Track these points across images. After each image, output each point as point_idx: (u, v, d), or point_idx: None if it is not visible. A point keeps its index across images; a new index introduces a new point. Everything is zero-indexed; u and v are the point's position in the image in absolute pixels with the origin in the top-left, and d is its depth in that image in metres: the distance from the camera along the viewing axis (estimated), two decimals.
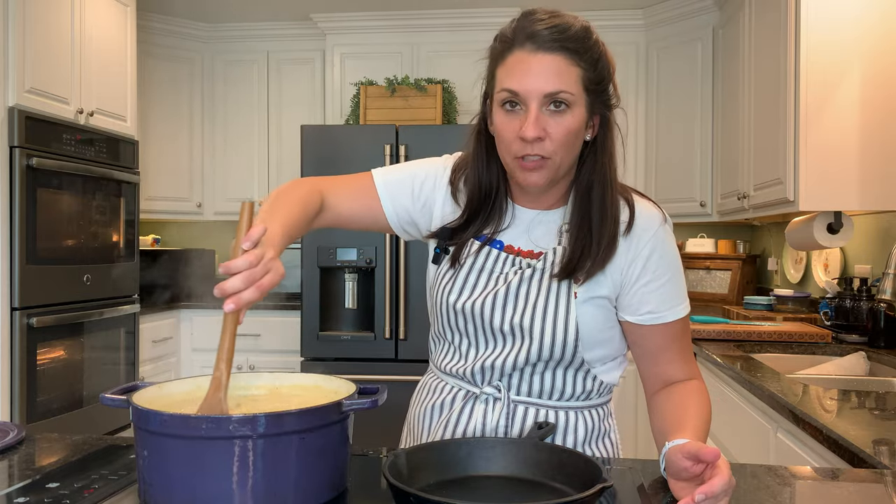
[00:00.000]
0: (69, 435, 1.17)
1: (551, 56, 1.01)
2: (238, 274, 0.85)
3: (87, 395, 3.12)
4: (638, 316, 1.11)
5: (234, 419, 0.79)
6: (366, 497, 0.92)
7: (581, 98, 1.03)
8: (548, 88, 1.01)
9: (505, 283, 1.12)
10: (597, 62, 1.04)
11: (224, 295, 0.85)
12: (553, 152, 1.04)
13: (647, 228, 1.10)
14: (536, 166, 1.05)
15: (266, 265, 0.87)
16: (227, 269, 0.85)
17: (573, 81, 1.02)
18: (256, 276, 0.86)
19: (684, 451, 0.88)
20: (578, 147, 1.08)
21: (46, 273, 2.89)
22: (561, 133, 1.03)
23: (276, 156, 4.27)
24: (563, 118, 1.03)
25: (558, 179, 1.10)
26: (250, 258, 0.86)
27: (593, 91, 1.05)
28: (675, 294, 1.11)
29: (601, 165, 1.09)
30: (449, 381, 1.19)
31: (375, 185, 1.20)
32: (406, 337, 3.40)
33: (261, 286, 0.86)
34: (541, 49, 1.02)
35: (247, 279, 0.85)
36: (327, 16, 4.04)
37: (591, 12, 3.83)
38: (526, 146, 1.03)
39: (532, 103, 1.02)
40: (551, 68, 1.01)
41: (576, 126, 1.04)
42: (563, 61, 1.02)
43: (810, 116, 2.44)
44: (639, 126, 3.97)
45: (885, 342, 2.32)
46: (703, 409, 1.07)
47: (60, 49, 3.00)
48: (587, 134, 1.08)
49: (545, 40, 1.01)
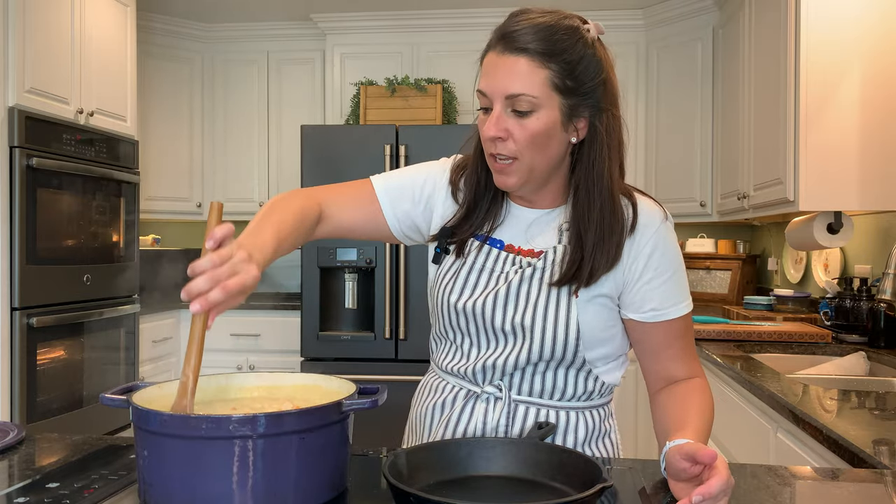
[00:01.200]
0: (69, 435, 1.17)
1: (515, 58, 1.02)
2: (202, 274, 0.82)
3: (87, 395, 3.12)
4: (641, 313, 1.11)
5: (234, 419, 0.79)
6: (366, 497, 0.92)
7: (551, 101, 1.02)
8: (510, 90, 1.02)
9: (506, 283, 1.12)
10: (576, 64, 1.03)
11: (190, 297, 0.82)
12: (518, 153, 1.04)
13: (649, 226, 1.10)
14: (506, 168, 1.06)
15: (233, 266, 0.84)
16: (191, 269, 0.83)
17: (538, 84, 1.01)
18: (220, 276, 0.83)
19: (682, 452, 0.88)
20: (554, 149, 1.06)
21: (46, 273, 2.89)
22: (525, 135, 1.03)
23: (276, 156, 4.28)
24: (527, 120, 1.03)
25: (540, 181, 1.10)
26: (213, 258, 0.83)
27: (571, 94, 1.03)
28: (678, 291, 1.12)
29: (593, 168, 1.08)
30: (450, 380, 1.19)
31: (375, 192, 1.19)
32: (406, 337, 3.40)
33: (226, 287, 0.82)
34: (507, 50, 1.02)
35: (210, 279, 0.82)
36: (327, 16, 4.04)
37: (591, 12, 3.82)
38: (492, 145, 1.05)
39: (497, 103, 1.03)
40: (514, 70, 1.02)
41: (542, 129, 1.03)
42: (528, 63, 1.01)
43: (810, 116, 2.44)
44: (639, 126, 3.97)
45: (885, 342, 2.32)
46: (705, 407, 1.07)
47: (60, 49, 3.00)
48: (572, 136, 1.07)
49: (512, 41, 1.02)
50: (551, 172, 1.10)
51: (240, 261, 0.85)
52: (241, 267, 0.85)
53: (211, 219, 0.88)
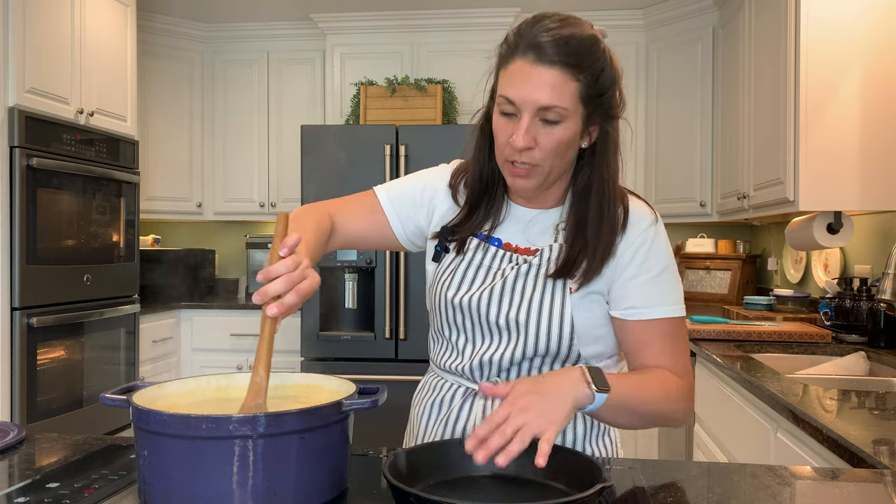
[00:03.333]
0: (69, 435, 1.17)
1: (550, 70, 1.01)
2: (278, 278, 0.87)
3: (87, 395, 3.12)
4: (620, 310, 1.11)
5: (234, 419, 0.79)
6: (366, 497, 0.92)
7: (577, 111, 1.04)
8: (543, 102, 1.02)
9: (501, 279, 1.13)
10: (599, 74, 1.04)
11: (265, 299, 0.87)
12: (541, 160, 1.06)
13: (638, 225, 1.12)
14: (525, 173, 1.07)
15: (303, 271, 0.89)
16: (266, 274, 0.87)
17: (569, 96, 1.02)
18: (295, 279, 0.88)
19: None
20: (570, 155, 1.09)
21: (46, 273, 2.89)
22: (551, 144, 1.04)
23: (276, 156, 4.28)
24: (555, 130, 1.04)
25: (550, 184, 1.12)
26: (289, 263, 0.88)
27: (592, 103, 1.05)
28: (662, 293, 1.11)
29: (598, 170, 1.10)
30: (448, 378, 1.20)
31: (380, 201, 1.23)
32: (406, 337, 3.40)
33: (300, 290, 0.88)
34: (540, 61, 1.02)
35: (287, 282, 0.87)
36: (327, 16, 4.04)
37: (591, 12, 3.83)
38: (515, 153, 1.06)
39: (526, 114, 1.03)
40: (549, 82, 1.01)
41: (567, 138, 1.05)
42: (562, 76, 1.01)
43: (810, 116, 2.44)
44: (639, 126, 3.97)
45: (885, 342, 2.32)
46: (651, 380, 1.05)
47: (60, 49, 3.00)
48: (583, 142, 1.09)
49: (546, 53, 1.01)
50: (561, 175, 1.12)
51: (307, 266, 0.91)
52: (308, 272, 0.91)
53: (279, 227, 0.93)
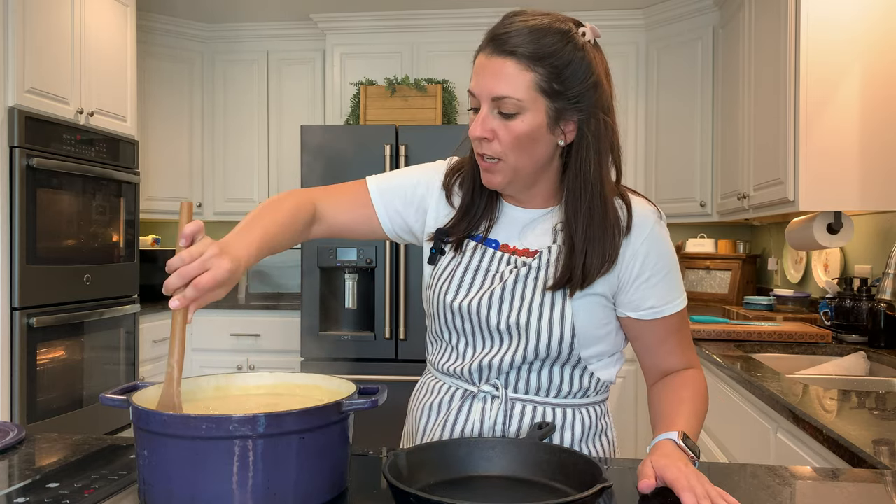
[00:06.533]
0: (69, 435, 1.17)
1: (503, 60, 1.02)
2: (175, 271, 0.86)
3: (87, 395, 3.12)
4: (640, 312, 1.13)
5: (234, 419, 0.79)
6: (366, 497, 0.92)
7: (536, 104, 1.03)
8: (495, 91, 1.03)
9: (501, 282, 1.12)
10: (564, 68, 1.02)
11: (168, 292, 0.87)
12: (503, 154, 1.06)
13: (644, 226, 1.11)
14: (491, 167, 1.08)
15: (204, 262, 0.87)
16: (167, 267, 0.87)
17: (523, 87, 1.02)
18: (190, 273, 0.86)
19: (641, 468, 0.94)
20: (540, 151, 1.07)
21: (46, 273, 2.89)
22: (510, 137, 1.04)
23: (276, 156, 4.28)
24: (513, 123, 1.04)
25: (528, 182, 1.11)
26: (184, 255, 0.87)
27: (557, 97, 1.03)
28: (673, 288, 1.13)
29: (580, 170, 1.08)
30: (446, 380, 1.20)
31: (370, 192, 1.22)
32: (406, 337, 3.40)
33: (198, 284, 0.86)
34: (495, 52, 1.03)
35: (181, 276, 0.86)
36: (327, 16, 4.04)
37: (591, 12, 3.83)
38: (478, 145, 1.07)
39: (483, 105, 1.05)
40: (501, 72, 1.02)
41: (526, 131, 1.04)
42: (515, 66, 1.02)
43: (810, 116, 2.44)
44: (639, 126, 3.97)
45: (885, 342, 2.32)
46: (697, 398, 1.11)
47: (60, 49, 3.00)
48: (559, 139, 1.07)
49: (501, 44, 1.03)
50: (539, 174, 1.11)
51: (210, 256, 0.88)
52: (211, 263, 0.87)
53: (182, 218, 0.91)
